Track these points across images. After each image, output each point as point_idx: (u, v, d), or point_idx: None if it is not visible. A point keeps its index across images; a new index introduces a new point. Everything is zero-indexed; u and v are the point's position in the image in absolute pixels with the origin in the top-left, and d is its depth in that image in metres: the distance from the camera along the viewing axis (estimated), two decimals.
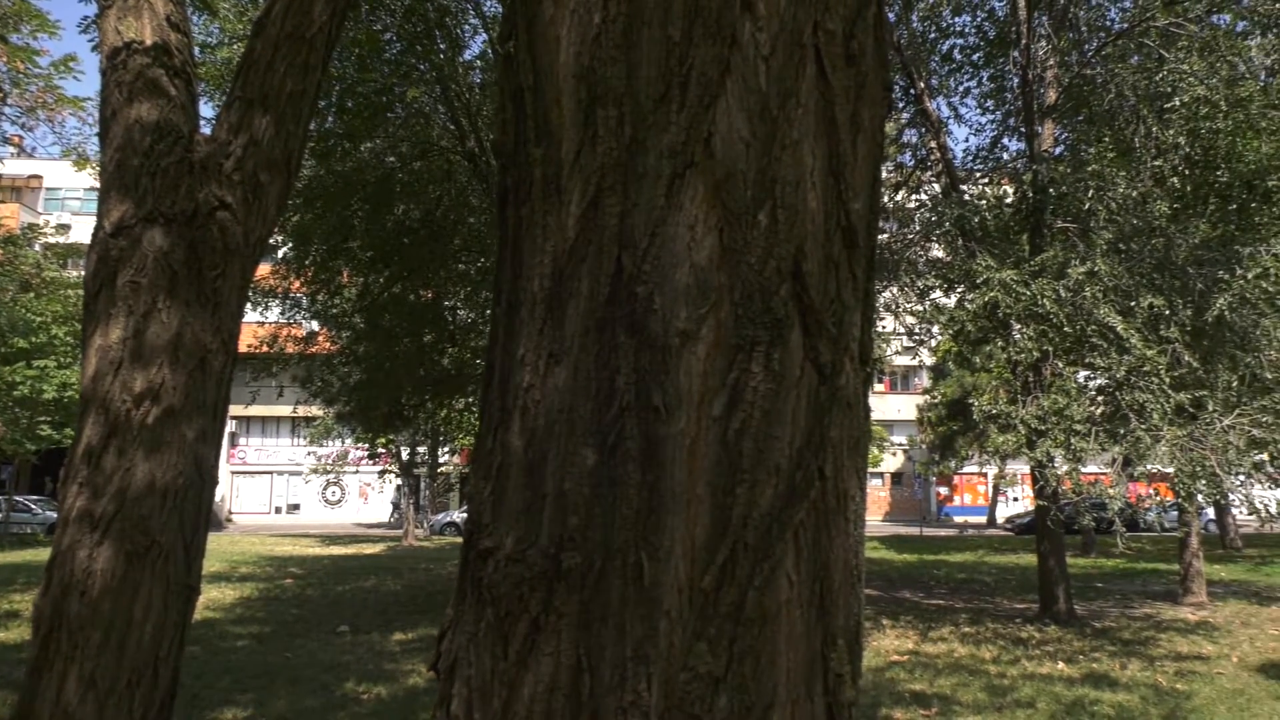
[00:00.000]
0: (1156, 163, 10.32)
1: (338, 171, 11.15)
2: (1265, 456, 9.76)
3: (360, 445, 25.52)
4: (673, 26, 0.94)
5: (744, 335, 0.91)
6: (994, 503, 43.76)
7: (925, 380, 43.10)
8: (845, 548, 0.98)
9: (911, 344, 13.48)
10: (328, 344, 15.66)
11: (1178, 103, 9.23)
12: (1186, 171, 10.53)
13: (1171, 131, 9.79)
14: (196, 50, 5.32)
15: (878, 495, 49.07)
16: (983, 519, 43.23)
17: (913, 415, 43.61)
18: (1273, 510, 9.56)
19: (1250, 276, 8.70)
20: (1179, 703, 7.04)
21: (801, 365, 0.94)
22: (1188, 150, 10.09)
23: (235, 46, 10.35)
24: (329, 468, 33.26)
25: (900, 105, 13.24)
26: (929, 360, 36.43)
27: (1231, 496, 9.41)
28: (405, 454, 27.46)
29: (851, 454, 1.00)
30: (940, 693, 7.47)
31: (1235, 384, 9.16)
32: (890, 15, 11.98)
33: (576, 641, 0.91)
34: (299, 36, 2.65)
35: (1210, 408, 8.85)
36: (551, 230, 0.98)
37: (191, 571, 2.54)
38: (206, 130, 2.86)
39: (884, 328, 14.97)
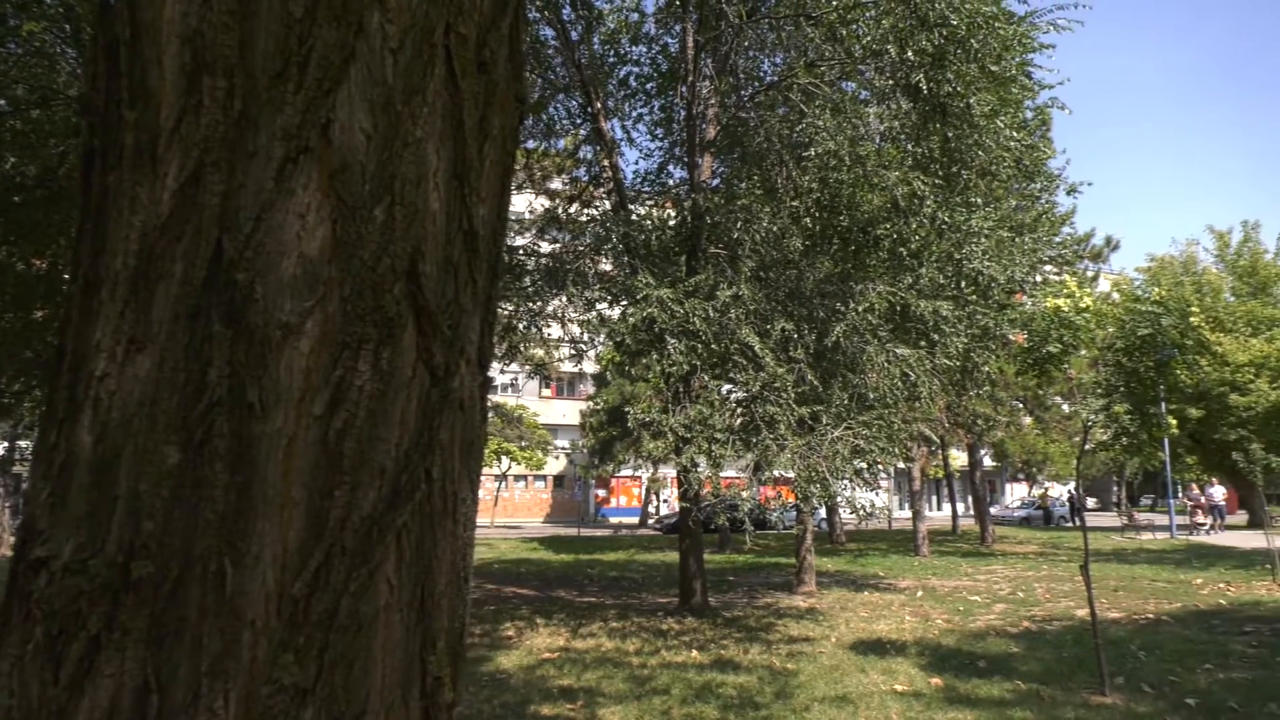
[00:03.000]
0: (794, 203, 11.59)
1: None
2: (864, 464, 11.34)
3: None
4: (294, 2, 0.89)
5: (352, 332, 0.88)
6: (646, 504, 46.64)
7: (590, 387, 44.94)
8: (453, 550, 0.98)
9: (575, 352, 13.99)
10: None
11: (813, 153, 10.33)
12: (817, 214, 11.87)
13: (807, 177, 11.03)
14: None
15: (540, 497, 50.26)
16: (636, 519, 45.90)
17: (576, 420, 45.28)
18: (869, 509, 11.14)
19: (860, 309, 10.06)
20: (788, 680, 7.92)
21: (414, 366, 0.92)
22: (819, 195, 11.37)
23: None
24: None
25: (578, 123, 13.71)
26: (593, 368, 38.10)
27: (838, 498, 10.79)
28: (3, 449, 23.54)
29: (464, 457, 1.00)
30: (587, 686, 7.79)
31: (845, 401, 10.51)
32: (574, 34, 12.38)
33: (144, 660, 0.82)
34: None
35: (824, 421, 10.07)
36: (142, 203, 0.88)
37: None
38: None
39: (552, 335, 15.41)
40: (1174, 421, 28.39)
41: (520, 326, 14.23)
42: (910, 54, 9.48)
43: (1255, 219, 63.43)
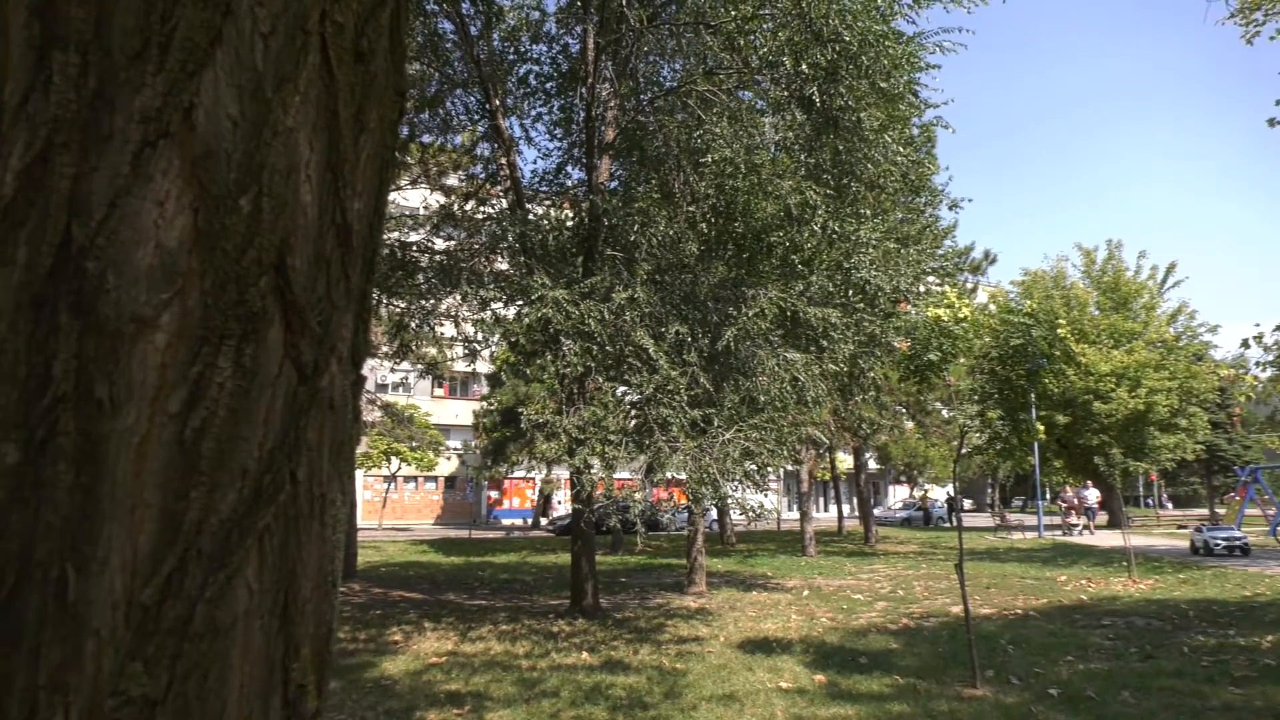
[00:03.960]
0: (691, 208, 11.74)
1: None
2: (754, 466, 11.57)
3: None
4: None
5: (213, 327, 0.84)
6: (539, 505, 46.41)
7: (484, 387, 44.44)
8: (320, 554, 0.95)
9: (469, 352, 13.80)
10: None
11: (710, 159, 10.50)
12: (713, 219, 12.08)
13: (704, 183, 11.19)
14: None
15: (431, 499, 49.40)
16: (529, 521, 45.62)
17: (470, 420, 44.69)
18: (758, 510, 11.37)
19: (751, 314, 10.26)
20: (677, 680, 8.01)
21: (280, 363, 0.89)
22: (715, 201, 11.56)
23: None
24: None
25: (476, 119, 13.54)
26: (487, 368, 37.66)
27: (729, 500, 10.98)
28: None
29: (334, 458, 0.96)
30: (475, 690, 7.69)
31: (737, 404, 10.70)
32: (473, 29, 12.22)
33: None
34: None
35: (716, 424, 10.24)
36: None
37: None
38: None
39: (445, 334, 15.15)
40: (1041, 427, 30.08)
41: (412, 325, 13.94)
42: (805, 67, 9.73)
43: (1119, 238, 67.91)
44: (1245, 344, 11.47)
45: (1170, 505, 73.03)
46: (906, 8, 10.60)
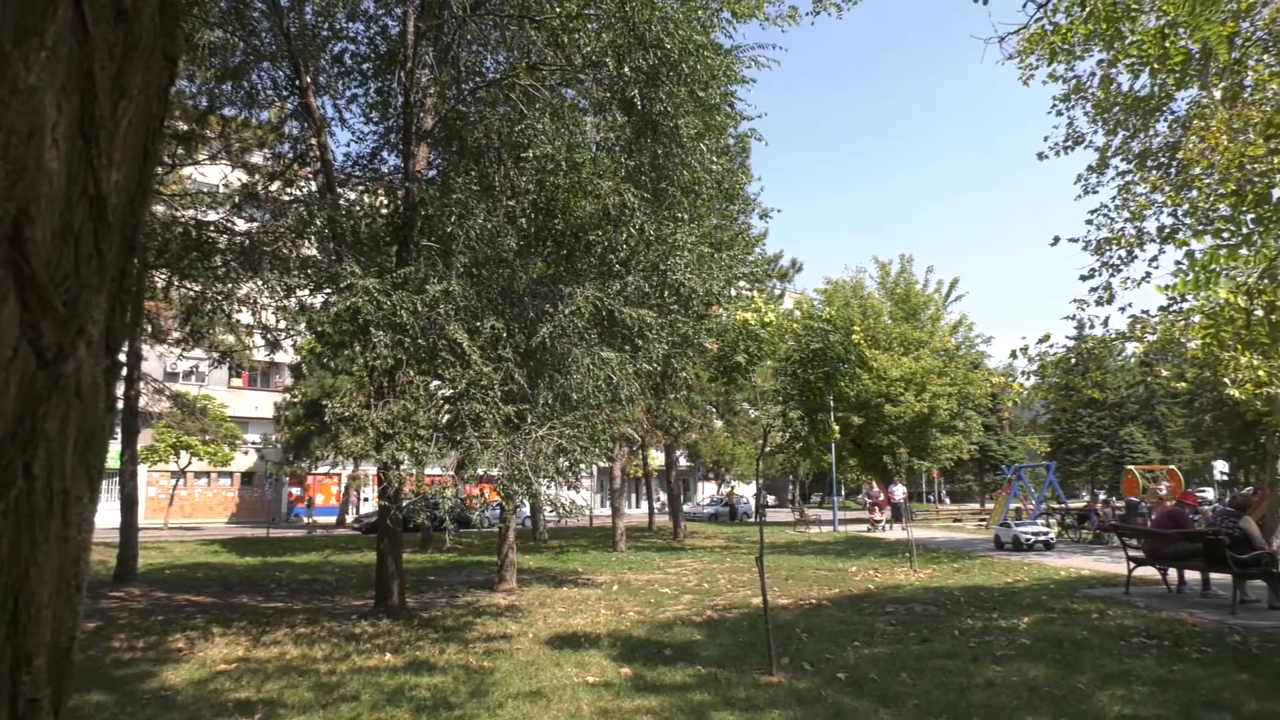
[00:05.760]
0: (510, 203, 11.64)
1: None
2: (567, 463, 11.62)
3: None
4: None
5: None
6: (345, 503, 44.63)
7: (287, 378, 42.25)
8: (61, 556, 0.86)
9: (270, 340, 13.05)
10: None
11: (531, 154, 10.44)
12: (533, 215, 12.02)
13: (525, 178, 11.12)
14: None
15: (225, 496, 46.44)
16: (334, 519, 43.78)
17: (271, 413, 42.35)
18: (570, 507, 11.43)
19: (568, 312, 10.30)
20: (484, 678, 7.91)
21: (15, 345, 0.80)
22: (535, 197, 11.52)
23: None
24: None
25: (285, 95, 12.82)
26: (291, 358, 35.79)
27: (541, 496, 10.96)
28: None
29: (81, 451, 0.88)
30: (267, 698, 7.28)
31: (551, 401, 10.71)
32: (284, 1, 11.56)
33: None
34: None
35: (530, 420, 10.20)
36: None
37: None
38: None
39: (244, 321, 14.27)
40: (837, 428, 32.00)
41: (207, 309, 13.01)
42: (627, 69, 9.87)
43: (911, 253, 73.52)
44: (1014, 355, 12.67)
45: (948, 500, 79.87)
46: (725, 21, 10.96)
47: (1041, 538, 22.22)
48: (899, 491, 35.51)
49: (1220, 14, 8.88)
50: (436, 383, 10.92)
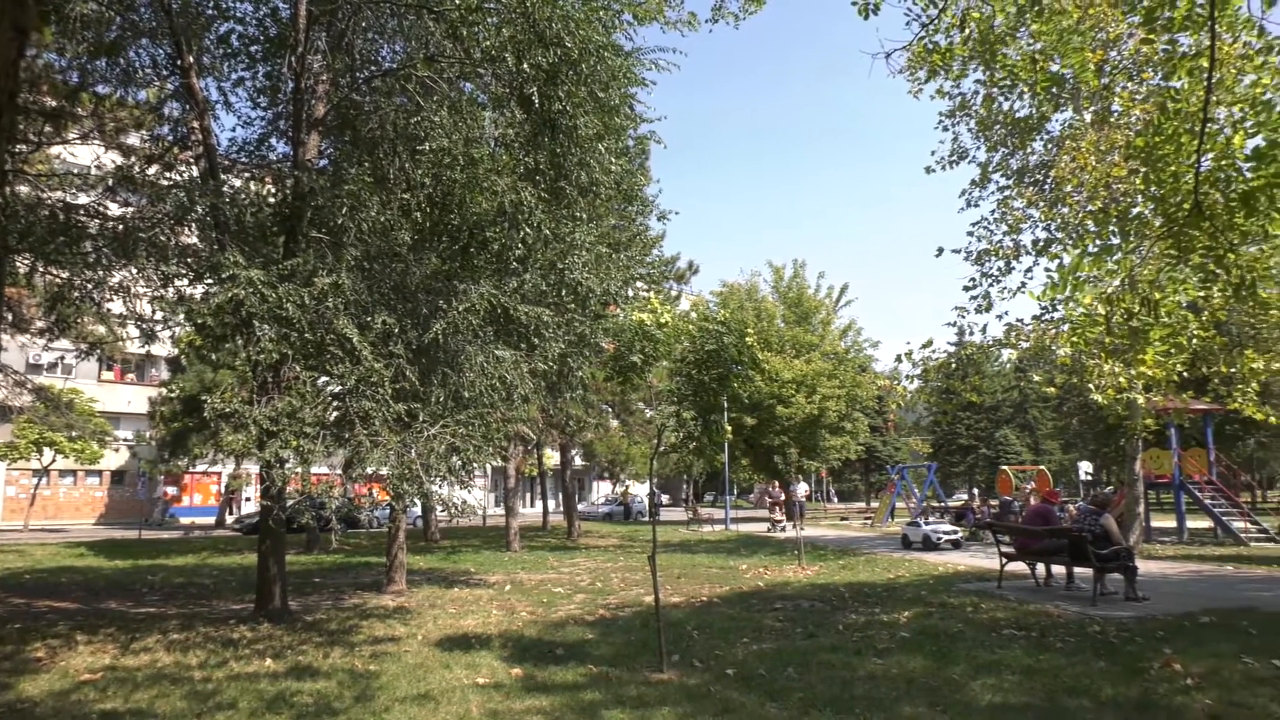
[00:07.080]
0: (405, 196, 11.37)
1: None
2: (460, 462, 11.43)
3: None
4: None
5: None
6: (225, 503, 42.86)
7: (163, 372, 40.25)
8: None
9: (145, 332, 12.38)
10: None
11: (427, 147, 10.22)
12: (428, 209, 11.77)
13: (420, 171, 10.88)
14: None
15: (93, 496, 43.95)
16: (212, 520, 41.96)
17: (145, 409, 40.28)
18: (462, 507, 11.24)
19: (462, 309, 10.13)
20: (370, 682, 7.71)
21: None
22: (431, 191, 11.27)
23: None
24: None
25: (165, 75, 12.21)
26: (167, 351, 34.10)
27: (432, 496, 10.76)
28: None
29: None
30: (136, 708, 6.92)
31: (444, 399, 10.51)
32: None
33: None
34: None
35: (422, 418, 9.99)
36: None
37: None
38: None
39: (116, 311, 13.51)
40: (730, 428, 32.63)
41: (75, 297, 12.26)
42: (526, 66, 9.79)
43: (804, 258, 75.35)
44: (899, 359, 13.18)
45: (836, 499, 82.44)
46: (626, 23, 11.00)
47: (951, 537, 23.00)
48: (800, 490, 35.26)
49: (1091, 42, 9.45)
50: (324, 379, 10.59)
